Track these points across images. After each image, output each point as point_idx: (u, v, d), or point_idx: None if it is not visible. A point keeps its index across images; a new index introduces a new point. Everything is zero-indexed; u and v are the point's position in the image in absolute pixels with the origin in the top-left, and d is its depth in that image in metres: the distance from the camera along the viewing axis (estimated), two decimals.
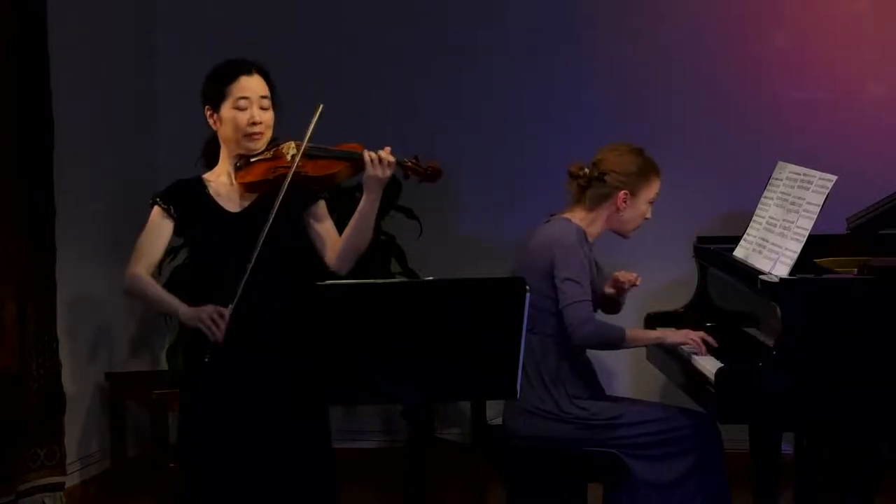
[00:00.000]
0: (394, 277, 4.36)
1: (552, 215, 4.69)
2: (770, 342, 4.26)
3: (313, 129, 4.21)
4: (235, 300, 4.08)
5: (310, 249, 4.33)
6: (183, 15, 6.35)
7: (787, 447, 5.12)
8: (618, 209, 4.65)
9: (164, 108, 6.37)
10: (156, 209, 4.29)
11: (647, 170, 4.67)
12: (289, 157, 4.23)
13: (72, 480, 5.64)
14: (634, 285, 4.74)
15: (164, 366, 6.12)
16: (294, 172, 4.19)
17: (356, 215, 4.25)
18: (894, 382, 4.11)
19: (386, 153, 4.20)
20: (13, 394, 5.25)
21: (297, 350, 4.07)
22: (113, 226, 5.97)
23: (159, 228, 4.27)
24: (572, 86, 6.25)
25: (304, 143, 4.22)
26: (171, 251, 5.97)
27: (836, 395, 4.10)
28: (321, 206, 4.34)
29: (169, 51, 6.35)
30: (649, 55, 6.19)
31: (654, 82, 6.19)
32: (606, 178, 4.64)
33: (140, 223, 4.25)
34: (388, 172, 4.20)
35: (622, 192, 4.63)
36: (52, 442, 5.43)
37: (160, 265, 4.42)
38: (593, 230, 4.68)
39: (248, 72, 4.26)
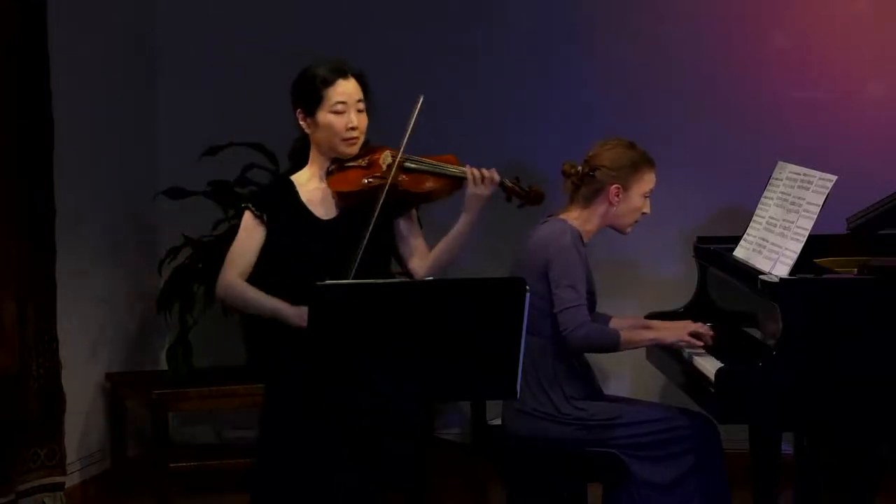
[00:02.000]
0: (394, 277, 4.30)
1: (549, 216, 4.67)
2: (770, 342, 4.26)
3: (412, 130, 4.19)
4: (360, 251, 4.04)
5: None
6: (183, 14, 6.35)
7: (787, 447, 5.12)
8: (611, 204, 4.61)
9: (164, 107, 6.37)
10: (248, 215, 4.26)
11: (638, 162, 4.62)
12: (384, 167, 4.21)
13: (72, 480, 5.64)
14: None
15: (164, 366, 6.11)
16: (390, 185, 4.15)
17: (452, 234, 4.25)
18: (894, 382, 4.12)
19: (491, 172, 4.20)
20: (13, 394, 5.25)
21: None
22: (113, 226, 5.98)
23: (252, 235, 4.24)
24: (572, 86, 6.24)
25: (400, 154, 4.17)
26: (171, 251, 6.03)
27: (836, 394, 4.10)
28: (412, 215, 4.32)
29: (169, 51, 6.35)
30: (649, 55, 6.19)
31: (654, 82, 6.18)
32: (597, 173, 4.60)
33: (140, 223, 4.21)
34: (489, 191, 4.20)
35: (614, 186, 4.59)
36: (52, 442, 5.42)
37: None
38: (589, 228, 4.64)
39: (346, 75, 4.21)
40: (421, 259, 4.32)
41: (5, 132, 5.21)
